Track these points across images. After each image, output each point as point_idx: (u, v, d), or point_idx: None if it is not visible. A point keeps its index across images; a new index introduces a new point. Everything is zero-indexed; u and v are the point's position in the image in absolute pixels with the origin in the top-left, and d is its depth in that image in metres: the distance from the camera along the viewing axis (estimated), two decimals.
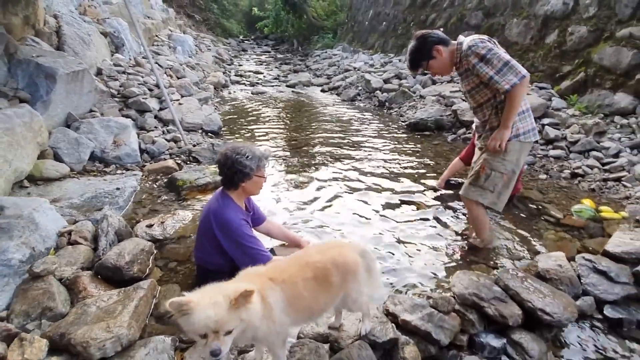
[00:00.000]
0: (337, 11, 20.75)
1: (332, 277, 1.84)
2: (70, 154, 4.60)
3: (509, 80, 2.60)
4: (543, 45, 6.42)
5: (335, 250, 1.94)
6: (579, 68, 5.64)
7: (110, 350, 2.00)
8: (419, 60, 2.95)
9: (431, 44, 2.86)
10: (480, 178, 2.95)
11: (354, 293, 1.93)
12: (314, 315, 1.88)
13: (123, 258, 2.76)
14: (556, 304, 2.28)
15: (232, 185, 2.55)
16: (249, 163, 2.47)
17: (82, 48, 6.48)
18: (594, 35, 5.54)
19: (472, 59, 2.70)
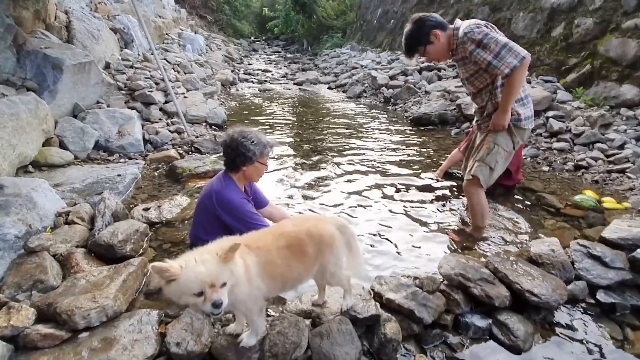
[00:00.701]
0: (347, 11, 20.78)
1: (306, 247, 1.84)
2: (75, 143, 4.71)
3: (508, 64, 2.52)
4: (549, 39, 6.31)
5: (311, 223, 1.95)
6: (585, 60, 5.53)
7: (94, 319, 2.04)
8: (416, 45, 2.83)
9: (429, 28, 2.74)
10: (483, 153, 2.93)
11: (331, 266, 1.92)
12: (289, 284, 1.88)
13: (116, 237, 2.80)
14: (545, 286, 2.23)
15: (234, 167, 2.57)
16: (252, 148, 2.49)
17: (91, 42, 6.63)
18: (600, 27, 5.43)
19: (468, 45, 2.63)
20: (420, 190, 4.09)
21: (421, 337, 2.11)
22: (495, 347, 2.08)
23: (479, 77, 2.86)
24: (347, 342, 1.90)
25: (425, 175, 4.48)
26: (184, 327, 2.02)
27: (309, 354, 1.91)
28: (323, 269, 1.92)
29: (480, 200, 3.09)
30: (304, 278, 1.93)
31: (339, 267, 1.97)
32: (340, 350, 1.86)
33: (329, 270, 1.93)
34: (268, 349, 1.86)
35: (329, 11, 21.77)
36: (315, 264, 1.89)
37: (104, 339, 1.94)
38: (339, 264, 1.96)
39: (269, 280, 1.76)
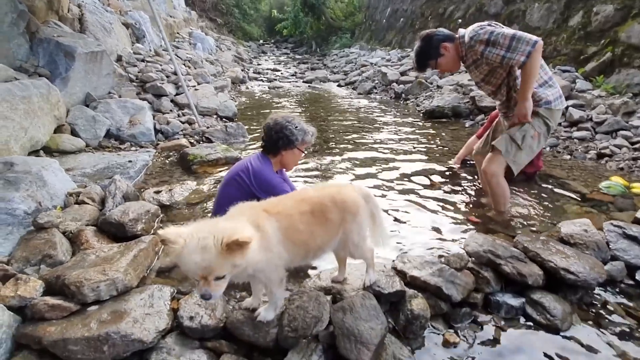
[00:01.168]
0: (355, 12, 20.76)
1: (330, 214, 1.73)
2: (87, 130, 4.67)
3: (523, 51, 2.51)
4: (566, 28, 6.15)
5: (334, 189, 1.84)
6: (605, 48, 5.36)
7: (104, 292, 1.94)
8: (427, 60, 2.94)
9: (438, 42, 2.85)
10: (513, 129, 2.83)
11: (354, 235, 1.81)
12: (311, 253, 1.76)
13: (127, 215, 2.72)
14: (581, 264, 2.09)
15: (274, 149, 2.54)
16: (296, 132, 2.51)
17: (103, 35, 6.63)
18: (621, 13, 5.26)
19: (478, 47, 2.66)
20: (437, 178, 3.95)
21: (449, 316, 1.98)
22: (530, 327, 1.94)
23: (494, 74, 2.87)
24: (371, 317, 1.78)
25: (441, 163, 4.34)
26: (198, 302, 1.92)
27: (330, 330, 1.79)
28: (346, 238, 1.80)
29: (500, 183, 2.96)
30: (327, 247, 1.80)
31: (362, 238, 1.85)
32: (365, 325, 1.74)
33: (352, 240, 1.81)
34: (287, 323, 1.74)
35: (337, 12, 21.77)
36: (339, 232, 1.78)
37: (113, 312, 1.84)
38: (362, 234, 1.84)
39: (291, 247, 1.64)
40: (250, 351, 1.78)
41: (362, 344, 1.68)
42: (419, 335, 1.86)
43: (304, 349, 1.73)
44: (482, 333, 1.89)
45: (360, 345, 1.67)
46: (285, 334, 1.72)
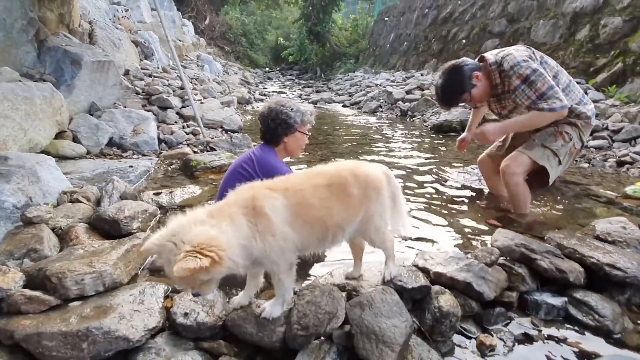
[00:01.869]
0: (359, 39, 21.23)
1: (350, 188, 1.52)
2: (89, 137, 4.55)
3: (552, 103, 2.40)
4: (573, 42, 6.12)
5: (354, 163, 1.65)
6: (615, 59, 5.28)
7: (89, 286, 1.73)
8: (460, 94, 2.64)
9: (469, 72, 2.59)
10: (558, 142, 2.65)
11: (377, 218, 1.59)
12: (330, 233, 1.52)
13: (122, 212, 2.53)
14: (628, 260, 1.85)
15: (274, 138, 2.38)
16: (293, 115, 2.35)
17: (111, 49, 6.67)
18: (630, 24, 5.22)
19: (514, 80, 2.46)
20: (451, 184, 3.76)
21: (481, 317, 1.72)
22: (576, 330, 1.68)
23: (517, 111, 2.70)
24: (394, 314, 1.54)
25: (454, 170, 4.16)
26: (194, 299, 1.69)
27: (346, 329, 1.55)
28: (367, 221, 1.59)
29: (520, 183, 2.73)
30: (348, 226, 1.57)
31: (384, 222, 1.64)
32: (387, 322, 1.50)
33: (374, 223, 1.60)
34: (296, 320, 1.51)
35: (341, 40, 22.29)
36: (360, 210, 1.56)
37: (97, 307, 1.62)
38: (384, 217, 1.63)
39: (303, 227, 1.44)
40: (253, 353, 1.54)
41: (385, 343, 1.43)
42: (448, 338, 1.61)
43: (316, 350, 1.49)
44: (522, 336, 1.64)
45: (383, 346, 1.43)
46: (294, 333, 1.48)
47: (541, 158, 2.63)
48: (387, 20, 16.20)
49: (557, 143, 2.65)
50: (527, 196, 2.81)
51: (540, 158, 2.63)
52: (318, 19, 21.25)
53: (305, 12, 21.74)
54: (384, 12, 17.94)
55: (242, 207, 1.39)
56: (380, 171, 1.66)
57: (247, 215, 1.38)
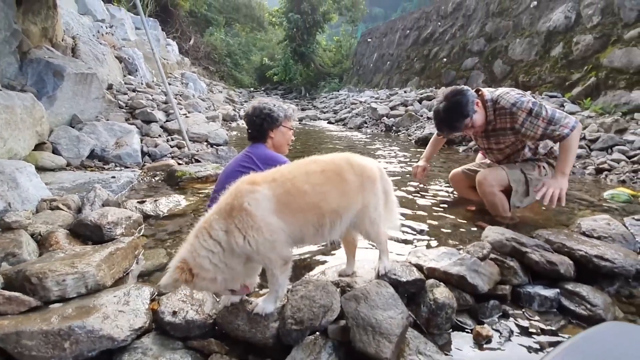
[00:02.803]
0: (343, 59, 21.74)
1: (346, 174, 1.51)
2: (69, 149, 4.44)
3: (566, 124, 2.41)
4: (549, 59, 6.42)
5: (349, 154, 1.64)
6: (588, 74, 5.55)
7: (71, 288, 1.65)
8: (463, 118, 2.59)
9: (472, 97, 2.59)
10: (534, 172, 2.72)
11: (372, 210, 1.58)
12: (326, 220, 1.49)
13: (105, 218, 2.44)
14: (615, 252, 1.88)
15: (261, 134, 2.46)
16: (276, 110, 2.45)
17: (95, 64, 6.61)
18: (600, 41, 5.52)
19: (519, 116, 2.49)
20: (438, 192, 3.80)
21: (476, 311, 1.71)
22: (570, 320, 1.69)
23: (511, 146, 2.75)
24: (390, 306, 1.51)
25: (440, 179, 4.21)
26: (182, 299, 1.64)
27: (341, 324, 1.51)
28: (364, 212, 1.57)
29: (496, 193, 2.79)
30: (344, 216, 1.53)
31: (379, 214, 1.63)
32: (383, 314, 1.47)
33: (370, 215, 1.59)
34: (290, 315, 1.46)
35: (325, 60, 22.79)
36: (357, 198, 1.55)
37: (80, 307, 1.54)
38: (379, 210, 1.62)
39: (294, 214, 1.41)
40: (245, 350, 1.47)
41: (382, 335, 1.39)
42: (444, 331, 1.58)
43: (311, 345, 1.44)
44: (517, 327, 1.63)
45: (380, 337, 1.39)
46: (288, 328, 1.43)
47: (514, 180, 2.69)
48: (370, 41, 16.69)
49: (534, 172, 2.72)
50: (504, 201, 2.84)
51: (513, 179, 2.69)
52: (302, 40, 21.75)
53: (290, 33, 22.23)
54: (366, 33, 18.52)
55: (220, 212, 1.39)
56: (374, 163, 1.67)
57: (222, 218, 1.37)
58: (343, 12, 22.60)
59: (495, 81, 7.79)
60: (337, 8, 22.34)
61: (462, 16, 9.98)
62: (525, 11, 7.46)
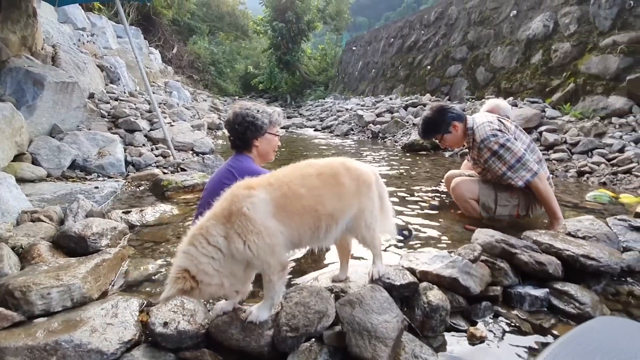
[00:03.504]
0: (328, 67, 21.92)
1: (342, 178, 1.51)
2: (50, 160, 4.33)
3: (522, 177, 2.60)
4: (529, 66, 6.62)
5: (345, 159, 1.65)
6: (567, 80, 5.74)
7: (56, 302, 1.59)
8: (435, 133, 2.88)
9: (450, 119, 2.80)
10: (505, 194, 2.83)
11: (368, 214, 1.58)
12: (321, 224, 1.48)
13: (90, 229, 2.38)
14: (600, 251, 1.93)
15: (245, 143, 2.29)
16: (260, 116, 2.26)
17: (75, 73, 6.49)
18: (577, 48, 5.73)
19: (484, 152, 2.69)
20: (426, 196, 3.83)
21: (469, 312, 1.72)
22: (560, 319, 1.71)
23: (490, 171, 2.84)
24: (385, 310, 1.51)
25: (427, 184, 4.26)
26: (173, 309, 1.59)
27: (336, 329, 1.49)
28: (359, 215, 1.57)
29: (468, 199, 2.93)
30: (340, 220, 1.53)
31: (375, 219, 1.62)
32: (379, 318, 1.46)
33: (365, 220, 1.58)
34: (285, 322, 1.44)
35: (311, 68, 22.93)
36: (353, 203, 1.54)
37: (66, 321, 1.49)
38: (375, 215, 1.62)
39: (291, 217, 1.40)
40: None
41: (378, 339, 1.39)
42: (438, 333, 1.59)
43: (306, 352, 1.42)
44: (509, 327, 1.64)
45: (376, 341, 1.38)
46: (283, 335, 1.41)
47: (483, 194, 2.81)
48: (355, 49, 16.91)
49: (505, 194, 2.82)
50: (475, 206, 2.94)
51: (483, 194, 2.81)
52: (287, 49, 21.85)
53: (275, 42, 22.32)
54: (351, 42, 18.76)
55: (217, 217, 1.37)
56: (370, 168, 1.67)
57: (221, 223, 1.35)
58: (327, 21, 22.85)
59: (478, 88, 7.97)
60: (321, 17, 22.58)
61: (444, 25, 10.23)
62: (505, 20, 7.70)
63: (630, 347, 1.00)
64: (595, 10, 5.59)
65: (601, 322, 1.20)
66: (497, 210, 2.82)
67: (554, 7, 6.44)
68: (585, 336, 1.05)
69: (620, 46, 5.09)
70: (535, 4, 6.95)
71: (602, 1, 5.42)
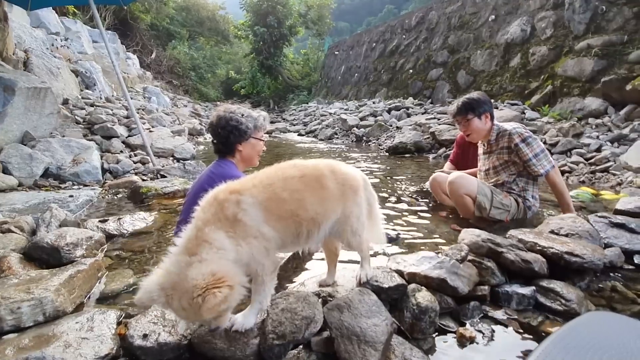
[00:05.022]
0: (311, 72, 21.95)
1: (326, 180, 1.47)
2: (21, 168, 4.16)
3: (543, 166, 2.81)
4: (508, 69, 6.77)
5: (332, 161, 1.60)
6: (545, 82, 5.90)
7: (27, 316, 1.50)
8: (471, 110, 2.95)
9: (489, 108, 2.95)
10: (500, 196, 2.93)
11: (354, 219, 1.54)
12: (302, 229, 1.43)
13: (63, 239, 2.27)
14: (583, 248, 1.95)
15: (228, 148, 2.22)
16: (244, 120, 2.19)
17: (49, 78, 6.29)
18: (554, 52, 5.89)
19: (515, 137, 2.84)
20: (411, 198, 3.84)
21: (458, 313, 1.70)
22: (547, 316, 1.71)
23: (506, 169, 2.97)
24: (373, 314, 1.47)
25: (413, 185, 4.27)
26: (153, 320, 1.52)
27: (324, 335, 1.45)
28: (345, 221, 1.52)
29: (463, 195, 2.95)
30: (323, 224, 1.48)
31: (361, 224, 1.58)
32: (367, 322, 1.42)
33: (351, 225, 1.54)
34: (271, 330, 1.39)
35: (294, 73, 22.91)
36: (337, 208, 1.50)
37: (38, 336, 1.40)
38: (362, 220, 1.58)
39: (277, 220, 1.35)
40: None
41: (367, 343, 1.35)
42: (428, 335, 1.56)
43: None
44: (498, 326, 1.63)
45: (365, 346, 1.34)
46: (270, 343, 1.35)
47: (480, 193, 2.87)
48: (337, 54, 17.00)
49: (500, 196, 2.92)
50: (470, 204, 2.96)
51: (480, 193, 2.87)
52: (269, 53, 21.78)
53: (256, 46, 22.21)
54: (333, 46, 18.86)
55: (215, 222, 1.29)
56: (358, 173, 1.64)
57: (223, 227, 1.29)
58: (309, 26, 22.90)
59: (459, 91, 8.11)
60: (303, 22, 22.62)
61: (425, 29, 10.40)
62: (484, 24, 7.88)
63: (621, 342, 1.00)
64: (570, 14, 5.77)
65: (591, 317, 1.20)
66: (490, 211, 2.88)
67: (531, 12, 6.64)
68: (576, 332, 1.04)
69: (595, 49, 5.26)
70: (512, 9, 7.14)
71: (576, 6, 5.61)
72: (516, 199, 2.97)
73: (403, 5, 35.90)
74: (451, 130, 6.34)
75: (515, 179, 2.96)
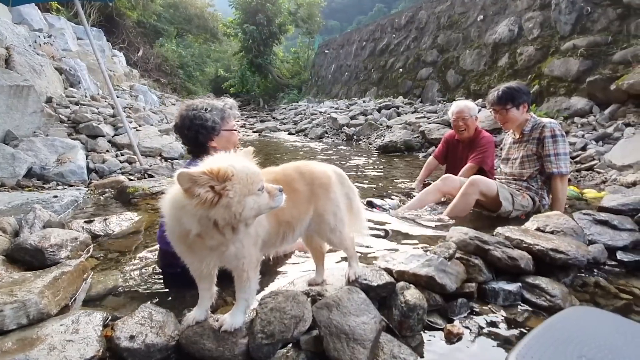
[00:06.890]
0: (301, 70, 21.89)
1: (295, 184, 1.48)
2: (3, 168, 4.06)
3: (559, 166, 2.87)
4: (496, 68, 6.86)
5: (300, 162, 1.62)
6: (532, 82, 5.99)
7: (10, 319, 1.46)
8: (510, 101, 2.99)
9: (526, 100, 3.01)
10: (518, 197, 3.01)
11: (329, 216, 1.55)
12: (279, 231, 1.46)
13: (47, 240, 2.22)
14: (568, 245, 1.99)
15: (199, 147, 2.10)
16: (210, 116, 2.08)
17: (31, 76, 6.14)
18: (541, 52, 5.99)
19: (547, 131, 2.92)
20: (401, 196, 3.86)
21: (446, 310, 1.72)
22: (532, 311, 1.75)
23: (530, 162, 3.05)
24: (362, 312, 1.48)
25: (403, 183, 4.30)
26: (140, 322, 1.50)
27: (313, 334, 1.45)
28: (320, 220, 1.54)
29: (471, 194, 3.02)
30: (297, 226, 1.51)
31: (340, 221, 1.59)
32: (356, 320, 1.43)
33: (328, 222, 1.55)
34: (260, 329, 1.38)
35: (284, 71, 22.82)
36: (309, 208, 1.52)
37: (21, 339, 1.37)
38: (339, 216, 1.59)
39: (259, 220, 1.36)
40: None
41: (356, 341, 1.36)
42: (416, 332, 1.57)
43: (283, 359, 1.37)
44: (485, 323, 1.66)
45: (354, 344, 1.35)
46: (258, 342, 1.35)
47: (503, 197, 2.96)
48: (328, 52, 17.00)
49: (519, 197, 3.01)
50: (469, 207, 3.08)
51: (503, 197, 2.96)
52: (259, 52, 21.64)
53: (246, 45, 22.04)
54: (323, 45, 18.84)
55: None
56: (329, 169, 1.64)
57: None
58: (299, 24, 22.83)
59: (449, 90, 8.19)
60: (293, 20, 22.53)
61: (415, 28, 10.47)
62: (473, 24, 7.97)
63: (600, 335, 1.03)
64: (556, 15, 5.87)
65: (571, 312, 1.23)
66: (512, 213, 2.98)
67: (518, 12, 6.74)
68: (557, 326, 1.07)
69: (580, 49, 5.37)
70: (500, 9, 7.23)
71: (562, 7, 5.71)
72: (533, 196, 3.04)
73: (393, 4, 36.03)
74: (440, 129, 6.39)
75: (537, 175, 3.03)
